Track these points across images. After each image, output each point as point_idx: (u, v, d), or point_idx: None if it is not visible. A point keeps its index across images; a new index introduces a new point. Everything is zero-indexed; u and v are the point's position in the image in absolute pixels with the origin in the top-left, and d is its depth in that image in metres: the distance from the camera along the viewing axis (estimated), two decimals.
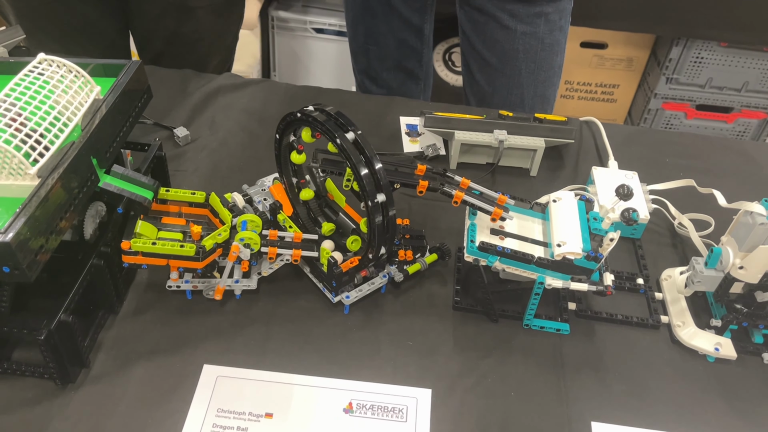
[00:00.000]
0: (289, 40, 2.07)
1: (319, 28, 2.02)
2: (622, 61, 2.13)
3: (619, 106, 2.24)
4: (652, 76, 2.11)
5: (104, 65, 0.75)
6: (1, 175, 0.60)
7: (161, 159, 0.82)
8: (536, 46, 1.15)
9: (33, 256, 0.57)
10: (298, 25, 2.03)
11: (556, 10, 1.13)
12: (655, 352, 0.77)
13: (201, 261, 0.71)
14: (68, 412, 0.66)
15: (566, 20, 1.17)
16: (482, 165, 1.00)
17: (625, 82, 2.17)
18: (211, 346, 0.73)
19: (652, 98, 2.09)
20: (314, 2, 2.03)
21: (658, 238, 0.91)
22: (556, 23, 1.14)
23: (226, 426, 0.66)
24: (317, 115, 0.69)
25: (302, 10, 2.03)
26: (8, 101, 0.61)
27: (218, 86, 1.08)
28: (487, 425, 0.68)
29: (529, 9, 1.12)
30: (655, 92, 2.07)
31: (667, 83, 2.05)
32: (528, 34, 1.14)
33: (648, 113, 2.12)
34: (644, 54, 2.11)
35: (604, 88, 2.19)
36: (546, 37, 1.14)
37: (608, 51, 2.09)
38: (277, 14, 2.02)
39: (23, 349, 0.70)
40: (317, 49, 2.06)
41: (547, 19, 1.13)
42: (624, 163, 0.98)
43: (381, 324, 0.77)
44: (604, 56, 2.11)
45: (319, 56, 2.08)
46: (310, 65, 2.11)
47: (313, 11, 2.03)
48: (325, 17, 2.01)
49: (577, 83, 2.18)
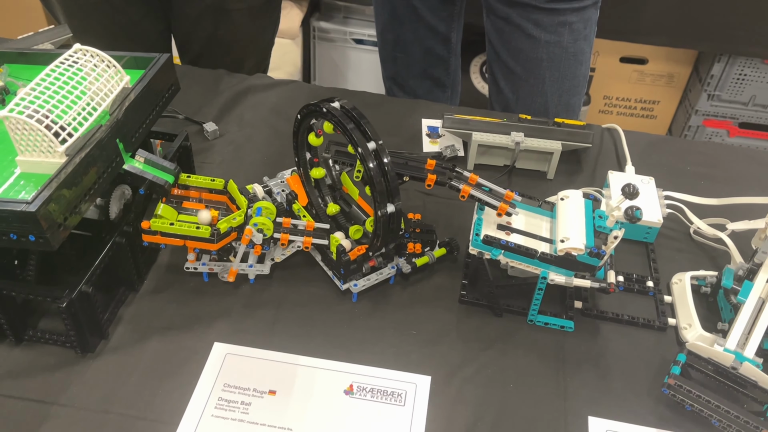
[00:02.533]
0: (329, 50, 2.12)
1: (359, 38, 2.07)
2: (663, 77, 2.10)
3: (659, 123, 2.21)
4: (693, 92, 2.08)
5: (136, 58, 0.80)
6: (33, 152, 0.66)
7: (187, 148, 0.87)
8: (560, 55, 1.16)
9: (56, 226, 0.62)
10: (338, 35, 2.08)
11: (580, 19, 1.14)
12: (659, 353, 0.76)
13: (215, 243, 0.74)
14: (86, 378, 0.70)
15: (591, 29, 1.18)
16: (500, 167, 1.02)
17: (665, 98, 2.15)
18: (223, 325, 0.76)
19: (693, 115, 2.05)
20: (355, 14, 2.09)
21: (672, 243, 0.91)
22: (581, 32, 1.16)
23: (230, 400, 0.70)
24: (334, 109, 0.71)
25: (343, 21, 2.09)
26: (44, 85, 0.67)
27: (249, 85, 1.13)
28: (483, 413, 0.69)
29: (554, 18, 1.13)
30: (696, 109, 2.04)
31: (708, 100, 2.02)
32: (552, 43, 1.15)
33: (689, 130, 2.09)
34: (686, 70, 2.08)
35: (644, 104, 2.17)
36: (570, 46, 1.15)
37: (649, 66, 2.07)
38: (318, 25, 2.08)
39: (48, 319, 0.75)
40: (356, 59, 2.11)
41: (572, 28, 1.14)
42: (644, 169, 0.98)
43: (387, 313, 0.79)
44: (644, 72, 2.09)
45: (357, 66, 2.13)
46: (349, 75, 2.16)
47: (354, 22, 2.08)
48: (365, 28, 2.06)
49: (616, 98, 2.16)
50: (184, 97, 1.04)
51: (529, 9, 1.14)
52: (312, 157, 0.83)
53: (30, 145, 0.65)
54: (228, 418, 0.68)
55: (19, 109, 0.64)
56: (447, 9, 1.29)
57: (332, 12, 2.11)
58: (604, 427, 0.69)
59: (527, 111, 1.22)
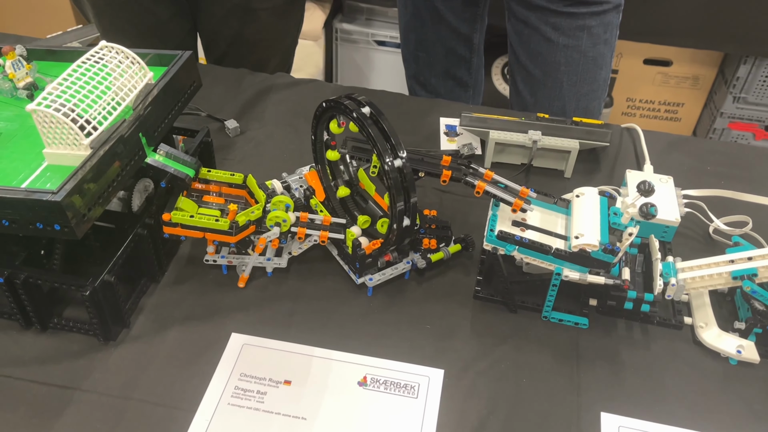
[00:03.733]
0: (351, 51, 2.14)
1: (381, 40, 2.09)
2: (688, 79, 2.08)
3: (684, 125, 2.18)
4: (718, 95, 2.05)
5: (159, 55, 0.82)
6: (59, 145, 0.68)
7: (208, 144, 0.89)
8: (578, 59, 1.16)
9: (81, 217, 0.64)
10: (360, 37, 2.10)
11: (600, 23, 1.14)
12: (674, 351, 0.76)
13: (234, 235, 0.76)
14: (108, 365, 0.72)
15: (612, 33, 1.17)
16: (517, 165, 1.02)
17: (690, 100, 2.12)
18: (240, 316, 0.78)
19: (718, 117, 2.03)
20: (377, 15, 2.10)
21: (690, 243, 0.90)
22: (600, 36, 1.15)
23: (246, 389, 0.71)
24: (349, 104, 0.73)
25: (365, 22, 2.11)
26: (70, 80, 0.69)
27: (271, 84, 1.15)
28: (495, 407, 0.70)
29: (572, 22, 1.13)
30: (721, 111, 2.02)
31: (734, 102, 1.99)
32: (570, 47, 1.15)
33: (713, 133, 2.07)
34: (711, 72, 2.06)
35: (668, 106, 2.15)
36: (589, 50, 1.15)
37: (673, 68, 2.05)
38: (341, 26, 2.10)
39: (73, 308, 0.77)
40: (378, 60, 2.13)
41: (591, 32, 1.14)
42: (663, 169, 0.98)
43: (402, 307, 0.80)
44: (668, 74, 2.07)
45: (379, 67, 2.14)
46: (371, 76, 2.17)
47: (376, 24, 2.10)
48: (387, 30, 2.07)
49: (639, 101, 2.14)
50: (206, 95, 1.07)
51: (547, 12, 1.14)
52: (330, 139, 0.83)
53: (56, 138, 0.67)
54: (244, 407, 0.69)
55: (47, 103, 0.66)
56: (469, 10, 1.30)
57: (355, 13, 2.12)
58: (616, 423, 0.69)
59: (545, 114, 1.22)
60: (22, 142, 0.75)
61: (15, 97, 0.82)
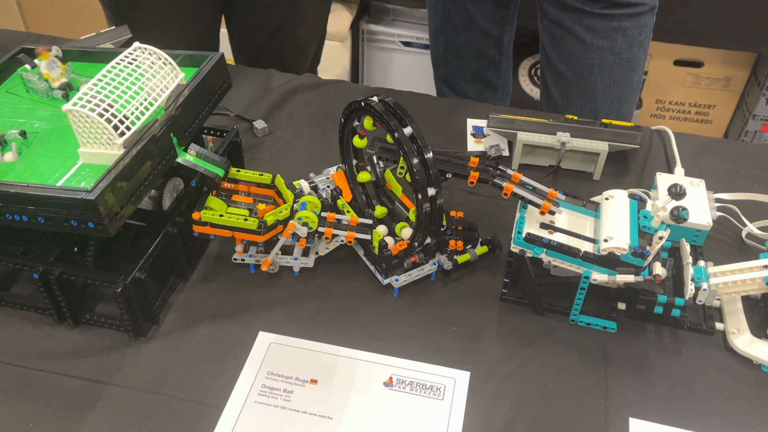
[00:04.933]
0: (377, 52, 2.15)
1: (407, 41, 2.09)
2: (719, 81, 2.04)
3: (715, 127, 2.15)
4: (751, 96, 2.02)
5: (190, 56, 0.83)
6: (93, 144, 0.69)
7: (237, 144, 0.89)
8: (613, 61, 1.15)
9: (114, 215, 0.65)
10: (387, 38, 2.10)
11: (635, 25, 1.13)
12: (705, 357, 0.75)
13: (262, 235, 0.77)
14: (137, 360, 0.73)
15: (647, 36, 1.16)
16: (545, 167, 1.02)
17: (721, 102, 2.09)
18: (268, 315, 0.78)
19: (751, 120, 1.99)
20: (403, 16, 2.10)
21: (722, 247, 0.89)
22: (635, 39, 1.14)
23: (273, 387, 0.72)
24: (376, 104, 0.73)
25: (392, 23, 2.11)
26: (104, 81, 0.70)
27: (298, 85, 1.16)
28: (522, 410, 0.69)
29: (607, 24, 1.12)
30: (753, 113, 1.98)
31: (767, 104, 1.95)
32: (604, 49, 1.14)
33: (746, 135, 2.03)
34: (743, 73, 2.02)
35: (698, 108, 2.12)
36: (624, 52, 1.14)
37: (704, 69, 2.02)
38: (368, 27, 2.11)
39: (104, 303, 0.78)
40: (404, 61, 2.13)
41: (626, 34, 1.12)
42: (695, 171, 0.96)
43: (428, 308, 0.80)
44: (699, 75, 2.04)
45: (405, 68, 2.14)
46: (397, 77, 2.18)
47: (402, 25, 2.10)
48: (413, 31, 2.07)
49: (669, 102, 2.11)
50: (235, 95, 1.08)
51: (582, 14, 1.13)
52: (358, 162, 0.85)
53: (91, 137, 0.69)
54: (271, 405, 0.70)
55: (82, 103, 0.67)
56: (500, 12, 1.29)
57: (381, 14, 2.13)
58: (645, 429, 0.68)
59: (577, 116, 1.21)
60: (58, 141, 0.76)
61: (51, 97, 0.84)
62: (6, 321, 0.76)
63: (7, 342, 0.74)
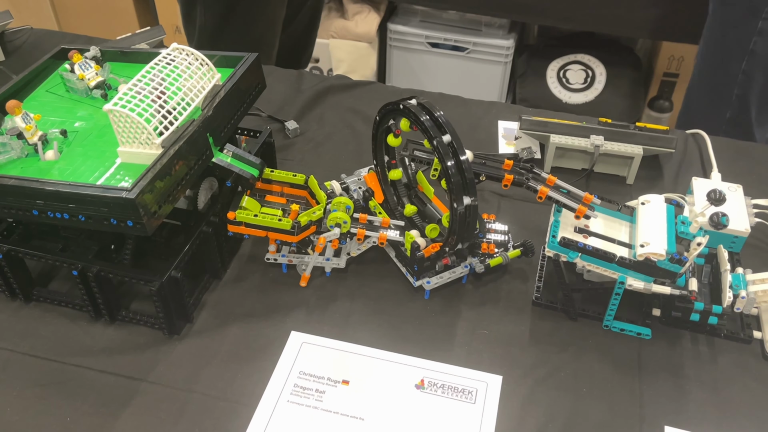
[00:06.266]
0: (405, 53, 2.14)
1: (435, 42, 2.08)
2: None
3: None
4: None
5: (226, 57, 0.84)
6: (133, 143, 0.70)
7: (270, 145, 0.90)
8: None
9: (152, 214, 0.66)
10: (414, 39, 2.10)
11: None
12: (743, 366, 0.74)
13: (296, 235, 0.77)
14: (172, 358, 0.74)
15: None
16: (577, 170, 1.01)
17: None
18: (300, 315, 0.79)
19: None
20: (431, 17, 2.10)
21: (761, 254, 0.87)
22: None
23: (305, 387, 0.72)
24: (414, 107, 0.73)
25: (419, 24, 2.11)
26: (143, 81, 0.71)
27: (329, 86, 1.17)
28: (554, 415, 0.69)
29: None
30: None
31: None
32: None
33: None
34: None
35: None
36: None
37: None
38: (395, 28, 2.11)
39: (140, 301, 0.79)
40: (431, 62, 2.13)
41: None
42: (731, 176, 0.95)
43: (459, 311, 0.80)
44: None
45: (432, 69, 2.14)
46: (424, 78, 2.17)
47: (430, 26, 2.10)
48: (441, 32, 2.07)
49: None
50: (267, 96, 1.08)
51: None
52: (390, 159, 0.84)
53: (130, 137, 0.70)
54: (303, 405, 0.70)
55: (122, 103, 0.68)
56: None
57: (409, 16, 2.13)
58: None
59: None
60: (97, 141, 0.77)
61: (90, 97, 0.86)
62: (44, 317, 0.78)
63: (46, 337, 0.76)
